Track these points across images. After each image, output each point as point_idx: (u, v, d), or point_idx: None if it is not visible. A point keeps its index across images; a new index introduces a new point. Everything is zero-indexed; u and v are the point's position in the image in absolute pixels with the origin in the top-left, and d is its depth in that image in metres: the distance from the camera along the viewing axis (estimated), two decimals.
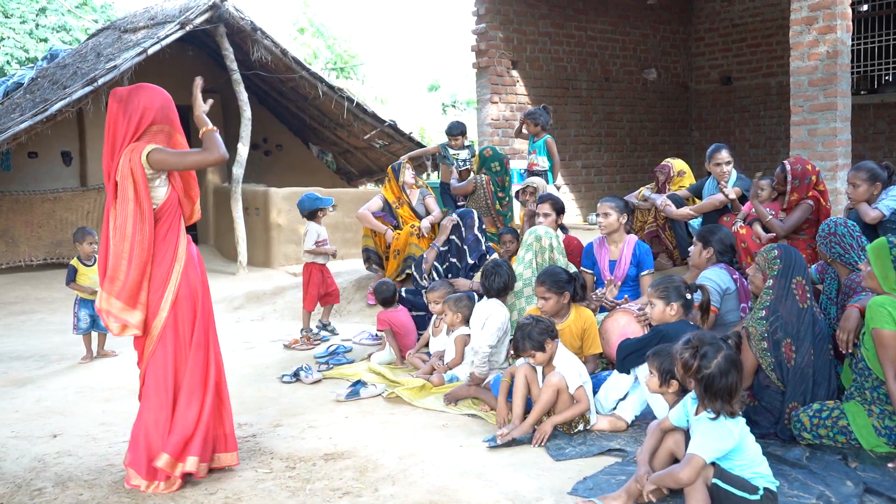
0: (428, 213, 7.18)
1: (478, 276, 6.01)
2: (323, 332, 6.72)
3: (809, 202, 5.53)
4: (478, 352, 4.74)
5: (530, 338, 4.05)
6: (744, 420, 3.07)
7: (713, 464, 3.00)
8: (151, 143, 3.59)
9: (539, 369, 4.18)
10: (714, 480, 2.96)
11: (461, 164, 7.66)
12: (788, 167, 5.50)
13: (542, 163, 7.61)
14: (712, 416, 3.00)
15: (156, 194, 3.63)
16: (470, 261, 6.30)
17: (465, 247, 6.49)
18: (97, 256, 6.43)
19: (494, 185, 7.30)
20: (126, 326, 3.58)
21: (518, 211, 7.38)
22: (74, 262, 6.42)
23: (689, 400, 3.18)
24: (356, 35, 27.73)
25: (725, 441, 2.98)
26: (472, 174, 7.46)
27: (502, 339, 4.90)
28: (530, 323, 4.12)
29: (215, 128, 3.68)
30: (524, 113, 7.90)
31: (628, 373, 4.19)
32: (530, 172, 7.59)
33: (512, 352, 4.82)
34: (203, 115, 3.71)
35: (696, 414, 3.10)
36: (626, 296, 5.30)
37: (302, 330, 6.68)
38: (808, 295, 3.94)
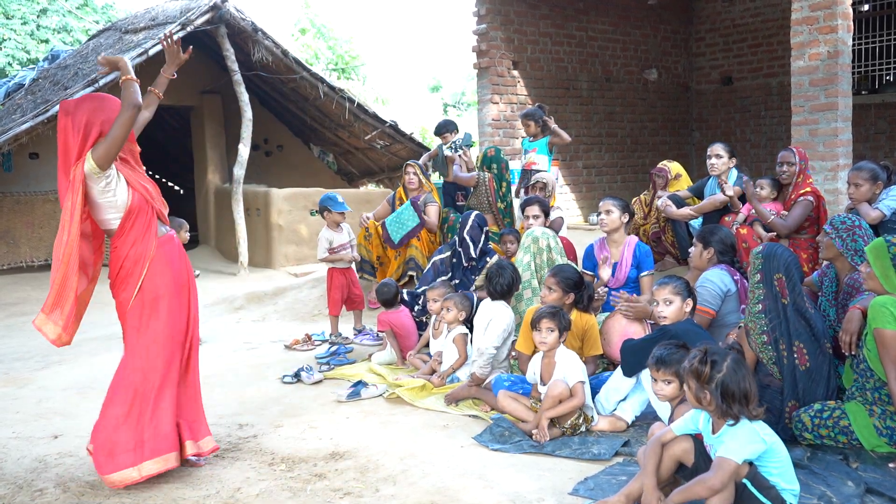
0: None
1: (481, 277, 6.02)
2: (347, 338, 6.50)
3: (810, 199, 5.54)
4: (483, 353, 4.73)
5: (542, 313, 4.27)
6: (768, 427, 2.95)
7: (749, 463, 2.88)
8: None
9: (539, 361, 4.26)
10: (744, 480, 2.84)
11: (456, 148, 7.32)
12: (795, 149, 5.80)
13: (542, 163, 7.58)
14: (732, 423, 2.89)
15: (117, 198, 3.58)
16: (465, 263, 6.26)
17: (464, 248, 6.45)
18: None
19: (497, 184, 7.28)
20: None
21: (519, 213, 7.34)
22: None
23: (704, 416, 3.06)
24: (358, 36, 27.77)
25: (754, 443, 2.86)
26: (476, 170, 7.37)
27: (505, 341, 4.90)
28: (560, 308, 4.37)
29: (135, 78, 3.66)
30: (521, 114, 7.83)
31: (632, 375, 4.16)
32: (528, 172, 7.57)
33: (512, 354, 4.85)
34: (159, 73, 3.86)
35: (715, 432, 2.98)
36: (622, 291, 5.28)
37: (331, 335, 6.50)
38: (788, 291, 3.87)
